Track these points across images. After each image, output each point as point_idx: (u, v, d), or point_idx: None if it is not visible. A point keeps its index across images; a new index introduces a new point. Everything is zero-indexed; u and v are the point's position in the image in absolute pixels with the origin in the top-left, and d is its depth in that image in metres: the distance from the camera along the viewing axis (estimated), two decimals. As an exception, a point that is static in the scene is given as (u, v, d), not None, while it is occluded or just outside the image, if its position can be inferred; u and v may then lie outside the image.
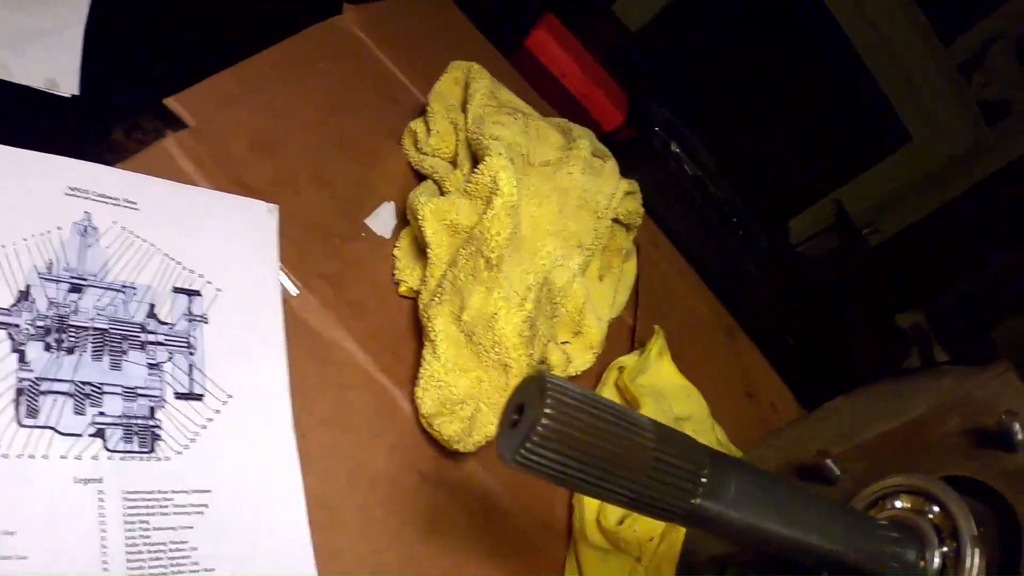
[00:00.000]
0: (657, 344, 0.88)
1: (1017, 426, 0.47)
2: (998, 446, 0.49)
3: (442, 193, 0.70)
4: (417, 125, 0.77)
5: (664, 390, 0.86)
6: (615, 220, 0.82)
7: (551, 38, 1.30)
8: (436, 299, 0.63)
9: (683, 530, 0.65)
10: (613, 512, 0.68)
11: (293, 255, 0.62)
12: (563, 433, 0.33)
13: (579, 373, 0.73)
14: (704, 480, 0.37)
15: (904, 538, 0.46)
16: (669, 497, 0.36)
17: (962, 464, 0.50)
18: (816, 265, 4.31)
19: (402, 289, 0.68)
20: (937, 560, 0.45)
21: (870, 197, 4.82)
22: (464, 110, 0.76)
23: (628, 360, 0.83)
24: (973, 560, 0.44)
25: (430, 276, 0.65)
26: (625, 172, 0.83)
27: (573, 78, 1.29)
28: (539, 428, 0.32)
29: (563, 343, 0.72)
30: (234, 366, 0.53)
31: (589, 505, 0.69)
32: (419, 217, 0.65)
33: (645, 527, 0.68)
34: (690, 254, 1.24)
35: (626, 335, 0.92)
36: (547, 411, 0.32)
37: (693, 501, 0.37)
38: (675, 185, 1.26)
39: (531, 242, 0.65)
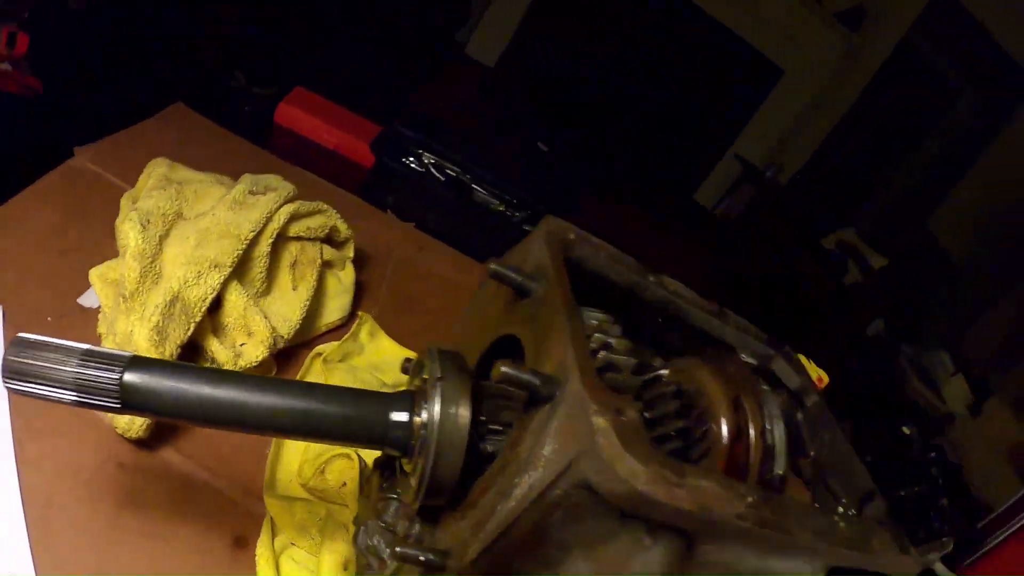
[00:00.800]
0: (365, 327, 1.10)
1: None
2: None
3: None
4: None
5: (382, 364, 1.08)
6: (298, 238, 1.06)
7: (297, 108, 1.55)
8: (104, 334, 0.86)
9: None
10: (309, 468, 0.88)
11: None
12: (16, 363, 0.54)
13: (254, 363, 0.93)
14: (127, 359, 0.56)
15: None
16: (98, 378, 0.55)
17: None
18: (737, 222, 4.49)
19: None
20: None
21: (766, 140, 4.99)
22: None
23: (326, 347, 1.05)
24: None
25: (101, 319, 0.89)
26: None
27: (324, 134, 1.54)
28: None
29: (241, 344, 0.94)
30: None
31: (283, 463, 0.90)
32: (91, 282, 0.89)
33: (335, 475, 0.87)
34: (464, 246, 1.47)
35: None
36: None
37: (123, 377, 0.55)
38: (433, 193, 1.49)
39: (167, 273, 0.88)
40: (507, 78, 4.49)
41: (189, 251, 0.90)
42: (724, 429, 0.60)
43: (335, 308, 1.11)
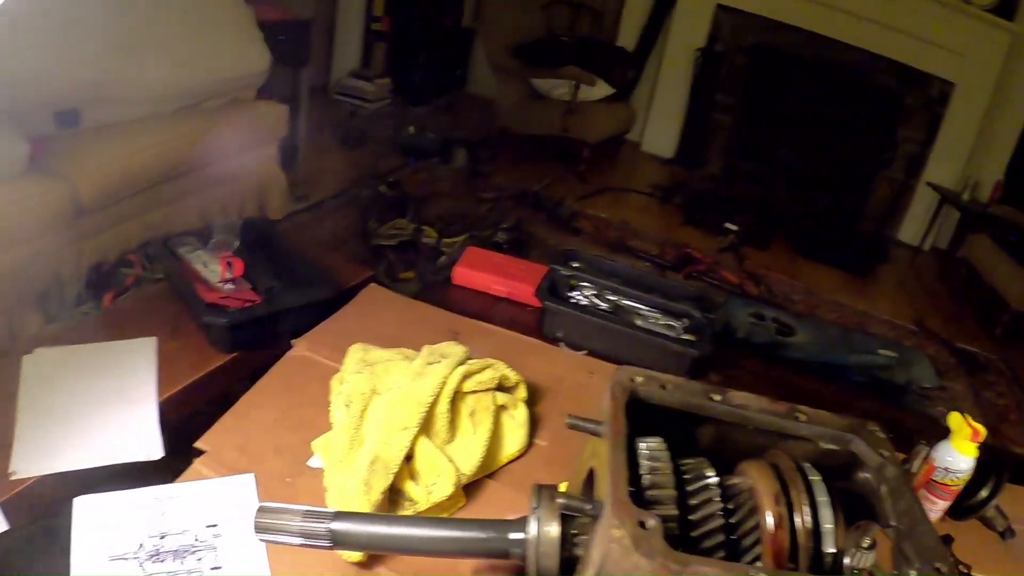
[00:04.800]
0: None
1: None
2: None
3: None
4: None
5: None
6: (473, 392, 1.36)
7: (468, 268, 1.89)
8: (328, 488, 1.20)
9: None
10: None
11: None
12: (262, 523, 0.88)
13: (444, 498, 1.22)
14: (332, 514, 0.89)
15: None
16: (315, 529, 0.88)
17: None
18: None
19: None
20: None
21: (956, 160, 4.87)
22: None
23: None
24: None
25: (325, 477, 1.23)
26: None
27: (495, 285, 1.86)
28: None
29: (432, 484, 1.24)
30: None
31: None
32: (314, 450, 1.25)
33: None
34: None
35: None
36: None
37: (330, 526, 0.88)
38: (597, 322, 1.76)
39: (368, 439, 1.21)
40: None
41: (383, 420, 1.22)
42: (768, 520, 0.81)
43: (512, 442, 1.40)
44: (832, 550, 0.81)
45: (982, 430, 1.34)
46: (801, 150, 5.07)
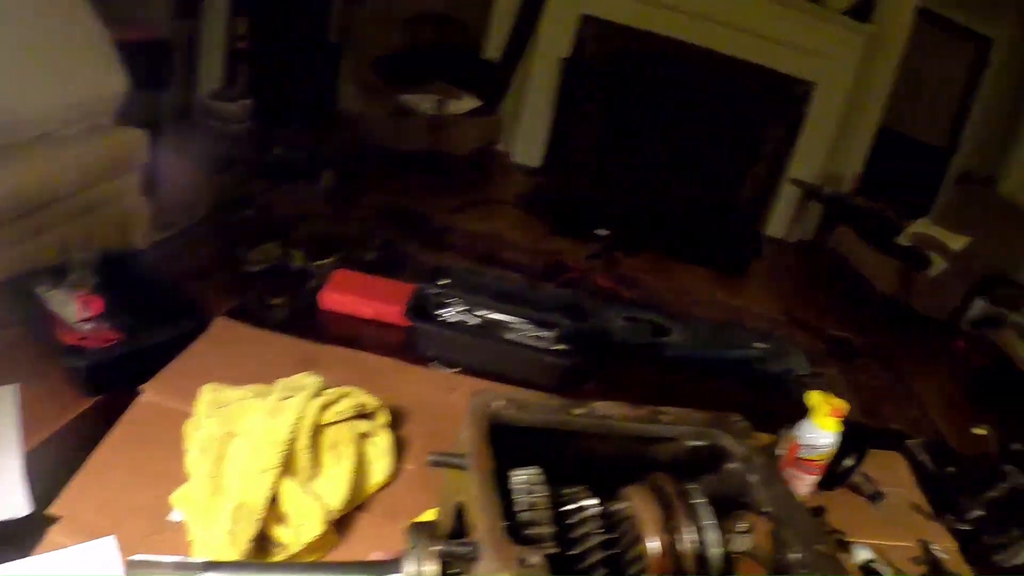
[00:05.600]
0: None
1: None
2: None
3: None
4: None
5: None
6: (333, 423, 1.30)
7: (334, 292, 1.83)
8: (193, 541, 1.12)
9: None
10: None
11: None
12: None
13: (315, 539, 1.16)
14: (201, 564, 0.83)
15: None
16: None
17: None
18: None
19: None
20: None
21: (817, 156, 5.18)
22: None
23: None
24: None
25: (189, 530, 1.15)
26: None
27: (363, 308, 1.80)
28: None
29: (301, 525, 1.17)
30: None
31: None
32: (173, 504, 1.16)
33: None
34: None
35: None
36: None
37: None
38: (468, 338, 1.72)
39: (229, 486, 1.13)
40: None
41: (242, 464, 1.15)
42: (651, 547, 0.78)
43: (378, 470, 1.35)
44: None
45: (843, 405, 1.40)
46: (669, 154, 5.18)
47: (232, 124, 4.67)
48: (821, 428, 1.38)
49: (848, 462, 1.48)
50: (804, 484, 1.42)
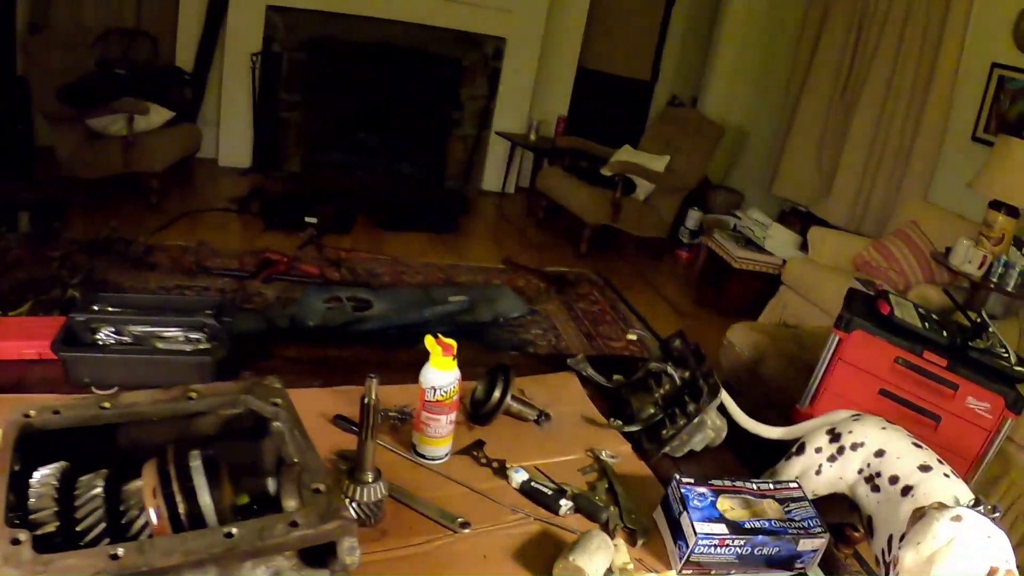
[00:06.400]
0: None
1: None
2: None
3: None
4: None
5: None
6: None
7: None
8: None
9: None
10: None
11: None
12: None
13: None
14: None
15: None
16: None
17: None
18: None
19: None
20: None
21: (520, 108, 5.53)
22: None
23: None
24: None
25: None
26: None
27: (24, 349, 1.85)
28: None
29: None
30: None
31: None
32: None
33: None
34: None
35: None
36: None
37: None
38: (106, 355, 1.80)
39: None
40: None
41: None
42: (151, 514, 0.91)
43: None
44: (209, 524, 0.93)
45: (450, 344, 1.44)
46: (376, 129, 5.32)
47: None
48: (440, 369, 1.43)
49: (496, 394, 1.56)
50: (443, 424, 1.45)
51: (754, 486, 1.33)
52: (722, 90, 5.73)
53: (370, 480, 1.19)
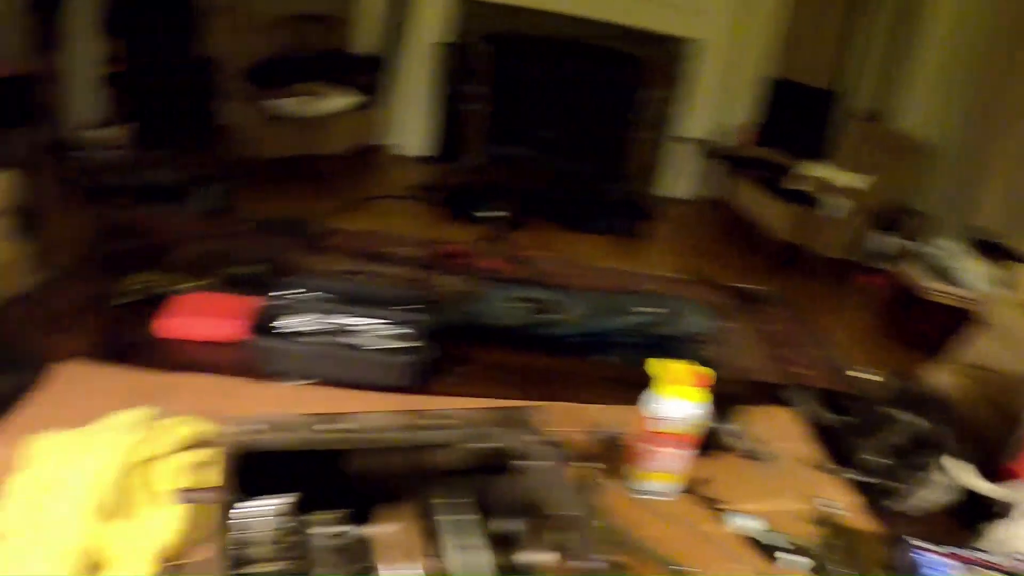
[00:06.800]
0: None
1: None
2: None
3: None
4: None
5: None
6: (166, 455, 1.25)
7: (175, 318, 1.77)
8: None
9: None
10: None
11: None
12: None
13: None
14: None
15: None
16: None
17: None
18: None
19: None
20: None
21: (707, 111, 5.21)
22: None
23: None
24: None
25: None
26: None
27: (210, 330, 1.75)
28: None
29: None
30: None
31: None
32: None
33: None
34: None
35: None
36: None
37: None
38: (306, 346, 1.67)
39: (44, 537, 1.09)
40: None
41: (58, 512, 1.10)
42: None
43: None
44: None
45: (687, 370, 1.27)
46: (556, 127, 5.20)
47: (109, 152, 4.54)
48: (669, 397, 1.25)
49: (712, 424, 1.37)
50: (669, 457, 1.28)
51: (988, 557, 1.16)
52: (920, 101, 5.24)
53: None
